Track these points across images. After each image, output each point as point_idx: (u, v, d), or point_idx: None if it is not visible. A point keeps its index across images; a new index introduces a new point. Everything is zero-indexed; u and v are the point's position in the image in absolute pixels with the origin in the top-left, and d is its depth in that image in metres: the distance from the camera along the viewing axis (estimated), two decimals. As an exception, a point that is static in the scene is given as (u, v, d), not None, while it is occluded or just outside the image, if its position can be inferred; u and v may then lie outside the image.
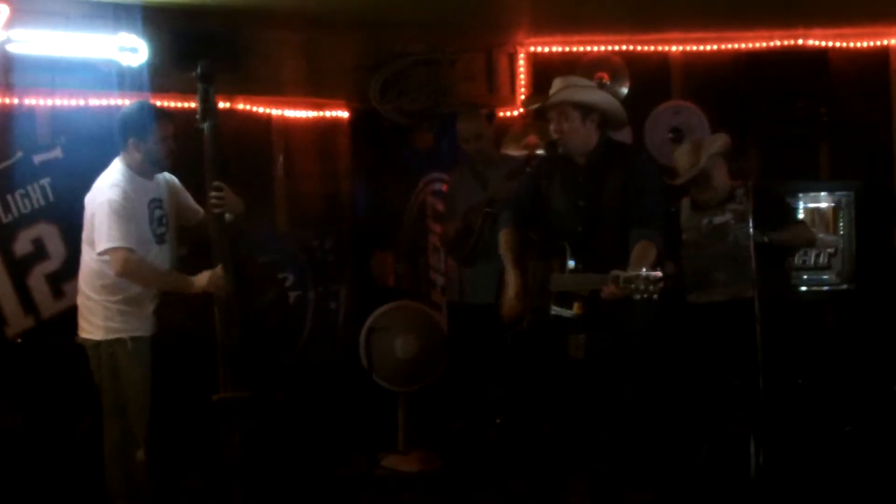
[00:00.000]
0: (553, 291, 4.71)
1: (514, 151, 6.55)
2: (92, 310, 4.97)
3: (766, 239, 5.32)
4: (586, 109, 4.83)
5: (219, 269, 4.90)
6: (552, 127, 4.86)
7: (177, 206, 5.21)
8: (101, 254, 4.83)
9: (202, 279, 4.89)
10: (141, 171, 5.01)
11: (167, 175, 5.18)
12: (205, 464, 4.84)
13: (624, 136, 7.19)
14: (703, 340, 5.71)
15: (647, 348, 4.89)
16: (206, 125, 5.08)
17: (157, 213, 5.05)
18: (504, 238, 5.07)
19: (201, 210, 5.22)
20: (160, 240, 5.04)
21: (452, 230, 6.26)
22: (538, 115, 5.07)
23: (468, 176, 6.26)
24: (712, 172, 5.66)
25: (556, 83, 4.91)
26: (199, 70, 5.08)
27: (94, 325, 4.96)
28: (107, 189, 4.89)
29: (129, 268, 4.81)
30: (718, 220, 5.56)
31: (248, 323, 4.95)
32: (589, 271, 4.64)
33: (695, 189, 5.76)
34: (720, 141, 5.69)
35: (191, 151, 5.16)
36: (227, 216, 5.06)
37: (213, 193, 5.01)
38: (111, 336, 4.91)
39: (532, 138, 6.31)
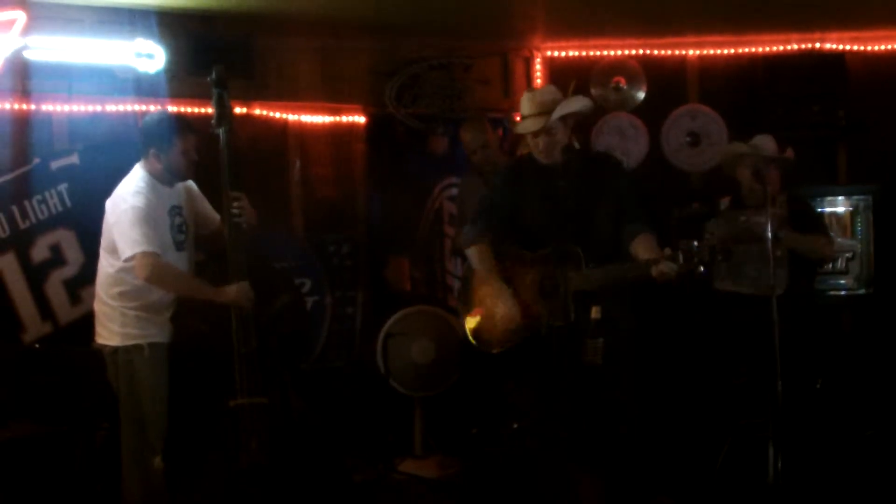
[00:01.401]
0: (572, 292, 4.72)
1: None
2: (109, 316, 4.98)
3: (780, 235, 5.31)
4: (567, 117, 4.92)
5: (246, 285, 4.90)
6: (541, 145, 4.89)
7: (195, 212, 5.22)
8: (127, 260, 4.83)
9: (230, 292, 4.89)
10: (162, 178, 5.02)
11: (186, 181, 5.19)
12: (221, 470, 4.84)
13: (640, 141, 7.24)
14: (725, 329, 5.71)
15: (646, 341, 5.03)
16: (221, 130, 5.09)
17: (178, 220, 5.06)
18: (478, 254, 5.06)
19: (218, 217, 5.23)
20: (179, 247, 5.06)
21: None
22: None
23: (478, 183, 6.25)
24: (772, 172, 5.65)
25: (532, 101, 4.95)
26: (213, 75, 5.10)
27: (111, 331, 4.97)
28: (130, 196, 4.90)
29: (156, 272, 4.81)
30: (755, 220, 5.54)
31: (263, 329, 4.95)
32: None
33: (754, 178, 5.68)
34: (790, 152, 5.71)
35: (207, 157, 5.16)
36: (243, 223, 5.08)
37: (235, 204, 5.02)
38: (128, 342, 4.92)
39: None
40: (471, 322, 5.16)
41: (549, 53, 7.40)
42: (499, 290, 4.93)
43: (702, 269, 4.46)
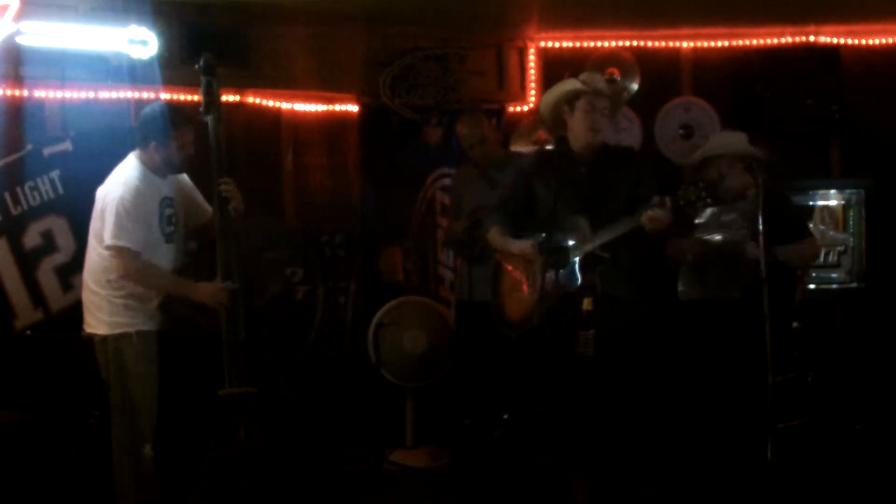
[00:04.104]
0: (578, 260, 4.75)
1: (523, 148, 6.55)
2: (97, 304, 4.97)
3: (777, 256, 5.25)
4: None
5: (216, 287, 4.89)
6: (593, 118, 4.90)
7: (187, 204, 5.20)
8: (105, 248, 4.83)
9: (205, 291, 4.89)
10: (156, 169, 5.01)
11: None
12: (211, 459, 4.82)
13: (634, 133, 7.23)
14: (693, 333, 5.67)
15: (646, 340, 4.99)
16: (209, 118, 5.06)
17: (168, 211, 5.04)
18: (496, 233, 5.14)
19: (210, 208, 5.21)
20: (168, 239, 5.04)
21: (459, 228, 6.23)
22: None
23: (475, 174, 6.25)
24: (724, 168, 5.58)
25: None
26: (202, 63, 5.06)
27: (99, 319, 4.96)
28: (120, 185, 4.90)
29: (131, 270, 4.83)
30: (725, 217, 5.51)
31: (253, 318, 4.95)
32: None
33: (746, 171, 5.59)
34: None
35: (197, 144, 5.15)
36: (231, 209, 5.07)
37: (222, 182, 5.01)
38: (116, 331, 4.91)
39: (541, 134, 6.32)
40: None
41: (542, 44, 7.38)
42: (517, 244, 4.97)
43: (689, 210, 4.52)
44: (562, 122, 5.06)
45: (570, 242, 4.79)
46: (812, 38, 7.31)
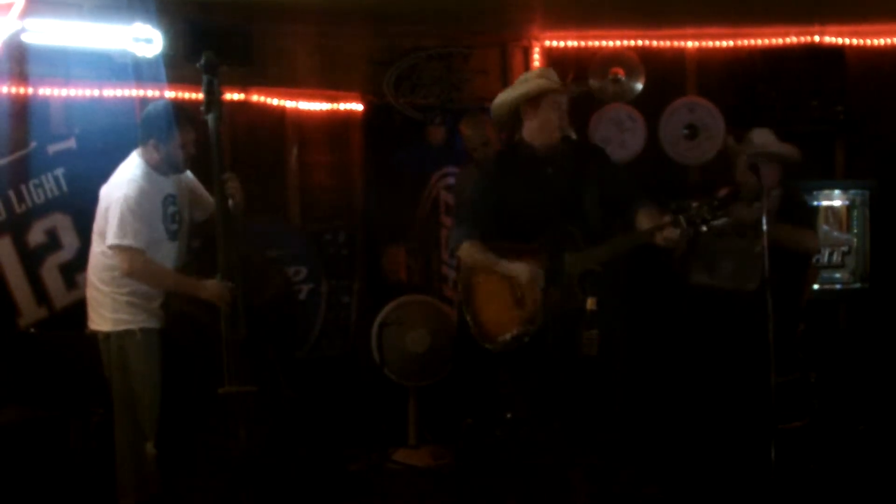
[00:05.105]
0: (576, 274, 4.66)
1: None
2: (101, 302, 4.99)
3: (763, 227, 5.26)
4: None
5: (223, 285, 4.89)
6: (561, 116, 4.84)
7: (191, 200, 5.21)
8: (110, 247, 4.84)
9: (211, 289, 4.89)
10: (158, 168, 5.02)
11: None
12: (212, 458, 4.83)
13: (638, 133, 7.22)
14: (700, 324, 5.67)
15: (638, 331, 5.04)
16: (210, 117, 5.06)
17: (171, 209, 5.06)
18: (473, 248, 4.86)
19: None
20: (172, 237, 5.06)
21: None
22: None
23: (476, 175, 6.24)
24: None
25: (553, 73, 4.94)
26: (203, 61, 5.06)
27: (102, 317, 4.98)
28: (124, 184, 4.91)
29: (137, 268, 4.84)
30: (740, 213, 5.49)
31: (254, 317, 4.95)
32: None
33: (749, 171, 5.57)
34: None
35: (200, 142, 5.15)
36: (231, 203, 5.06)
37: (227, 179, 5.02)
38: (120, 328, 4.93)
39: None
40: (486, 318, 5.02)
41: (547, 44, 7.36)
42: (508, 267, 4.77)
43: (704, 228, 4.46)
44: (518, 121, 4.95)
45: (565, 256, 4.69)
46: (817, 39, 7.28)
